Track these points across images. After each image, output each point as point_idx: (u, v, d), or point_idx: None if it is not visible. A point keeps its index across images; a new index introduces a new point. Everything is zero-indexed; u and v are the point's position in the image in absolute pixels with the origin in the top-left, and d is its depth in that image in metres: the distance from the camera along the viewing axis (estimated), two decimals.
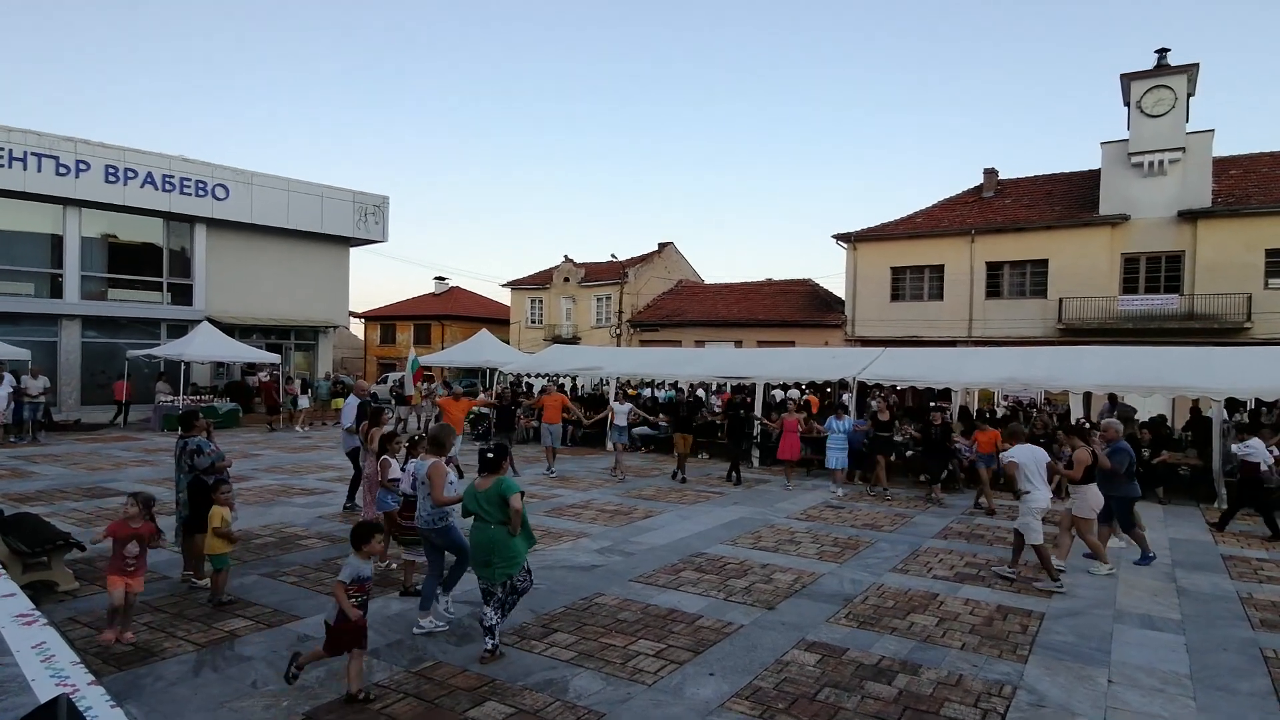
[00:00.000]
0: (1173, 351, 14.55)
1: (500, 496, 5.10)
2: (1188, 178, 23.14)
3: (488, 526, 5.11)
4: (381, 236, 28.02)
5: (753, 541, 8.87)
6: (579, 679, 4.91)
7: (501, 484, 5.16)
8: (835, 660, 5.31)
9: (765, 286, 35.52)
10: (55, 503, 10.12)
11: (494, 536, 5.08)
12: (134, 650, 5.23)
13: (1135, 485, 8.28)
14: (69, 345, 21.50)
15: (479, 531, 5.16)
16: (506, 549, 5.09)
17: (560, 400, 14.15)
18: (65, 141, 20.91)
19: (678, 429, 13.66)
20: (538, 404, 14.78)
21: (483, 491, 5.17)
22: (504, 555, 5.09)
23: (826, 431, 12.50)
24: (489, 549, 5.10)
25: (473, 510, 5.21)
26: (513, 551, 5.12)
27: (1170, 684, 5.03)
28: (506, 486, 5.14)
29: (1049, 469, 7.54)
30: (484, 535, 5.13)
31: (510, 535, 5.09)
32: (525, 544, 5.28)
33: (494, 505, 5.11)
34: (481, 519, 5.15)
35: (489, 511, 5.12)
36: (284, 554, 7.86)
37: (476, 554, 5.20)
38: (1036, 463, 7.42)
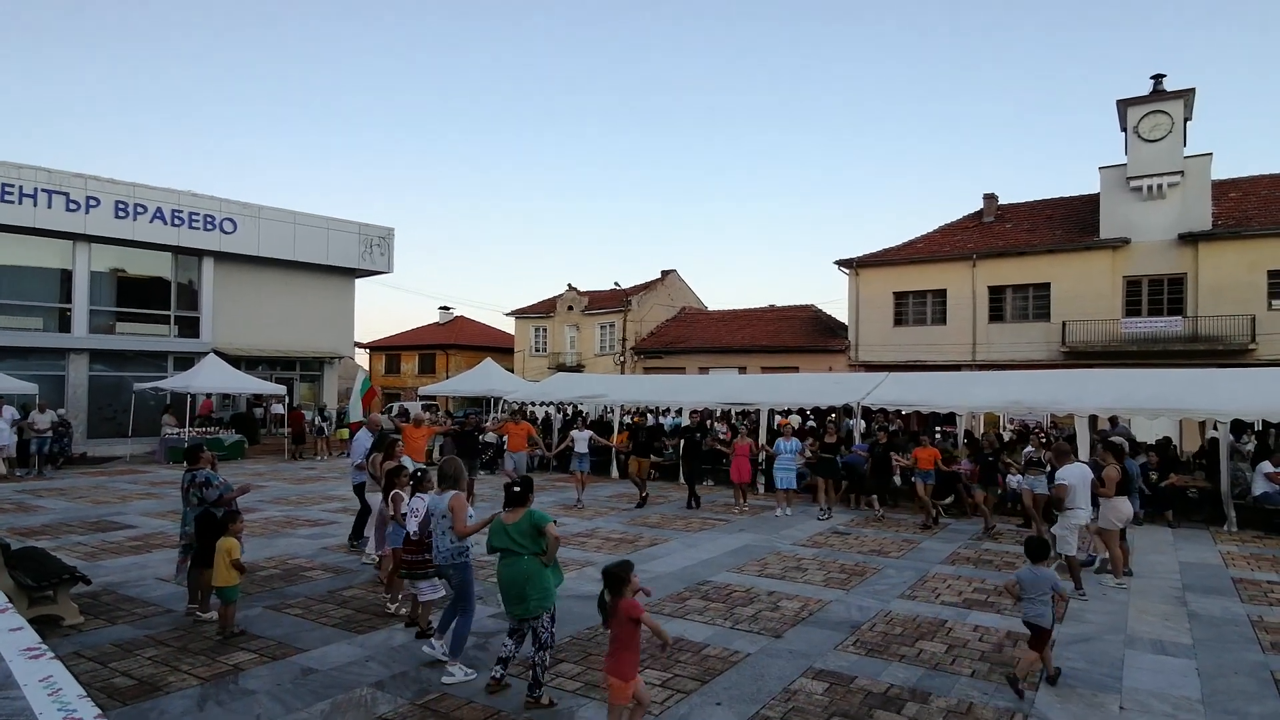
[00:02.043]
0: (1177, 373, 14.54)
1: (534, 527, 4.97)
2: (1187, 201, 23.28)
3: (520, 559, 4.97)
4: (387, 268, 28.25)
5: (759, 569, 8.82)
6: (585, 710, 4.87)
7: (533, 515, 5.03)
8: (843, 689, 5.26)
9: (768, 313, 35.63)
10: (60, 536, 10.13)
11: (528, 569, 4.95)
12: (139, 684, 5.21)
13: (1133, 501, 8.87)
14: (76, 379, 21.62)
15: (510, 567, 5.01)
16: (541, 581, 4.97)
17: (525, 429, 13.76)
18: (75, 178, 21.22)
19: (635, 453, 13.81)
20: (501, 431, 14.50)
21: (513, 525, 5.03)
22: (539, 587, 4.96)
23: (775, 453, 12.82)
24: (523, 583, 4.95)
25: (500, 546, 5.05)
26: (546, 583, 5.00)
27: (1182, 709, 4.97)
28: (539, 517, 5.01)
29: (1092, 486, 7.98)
30: (516, 570, 4.97)
31: (544, 566, 4.98)
32: (556, 577, 5.16)
33: (527, 537, 4.98)
34: (512, 552, 5.01)
35: (521, 544, 4.97)
36: (289, 585, 7.84)
37: (510, 590, 5.02)
38: (1084, 481, 7.86)
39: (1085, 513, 7.83)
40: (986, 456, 11.63)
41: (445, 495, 5.70)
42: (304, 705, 4.91)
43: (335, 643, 6.09)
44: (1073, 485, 7.81)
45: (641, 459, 13.76)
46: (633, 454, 13.90)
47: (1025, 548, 5.77)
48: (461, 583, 5.68)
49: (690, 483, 13.60)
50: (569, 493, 14.15)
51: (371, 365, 47.69)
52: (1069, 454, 8.44)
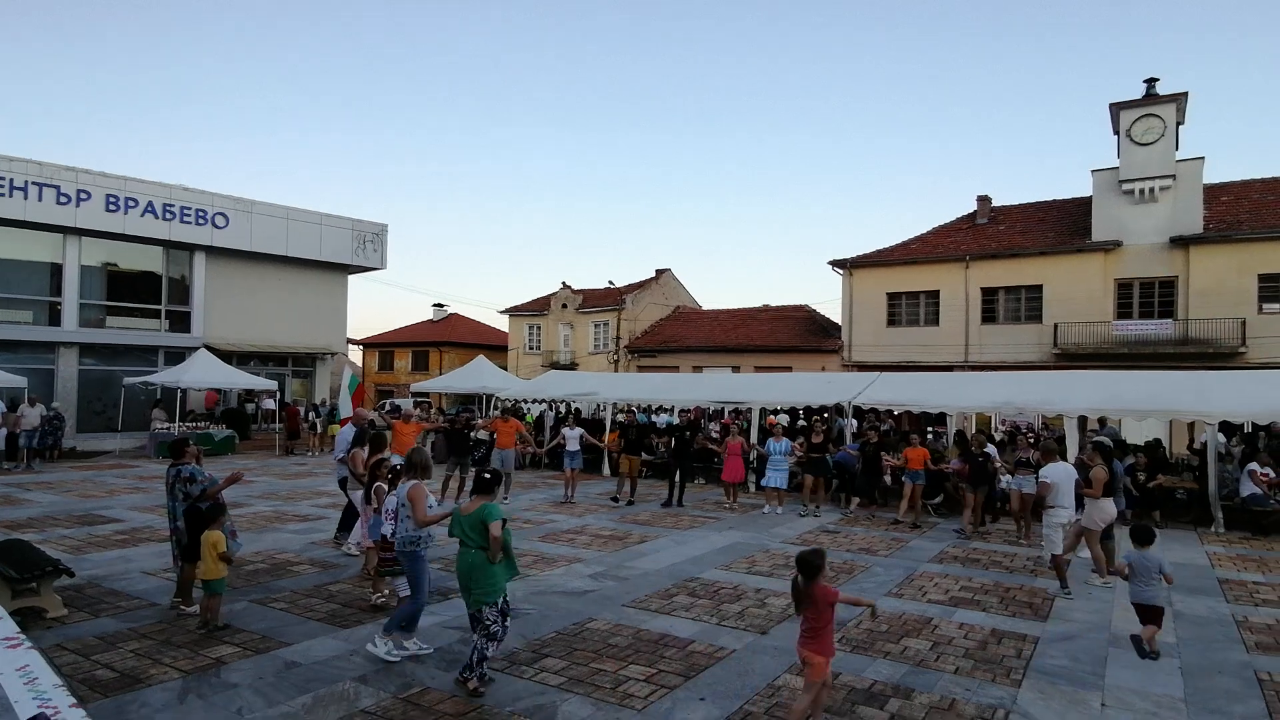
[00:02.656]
0: (1167, 375, 14.60)
1: (482, 522, 5.02)
2: (1179, 204, 23.38)
3: (469, 551, 5.06)
4: (380, 264, 28.19)
5: (747, 566, 8.83)
6: (568, 704, 4.87)
7: (484, 509, 5.08)
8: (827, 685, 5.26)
9: (762, 312, 35.67)
10: (46, 530, 10.07)
11: (474, 561, 5.03)
12: (120, 677, 5.18)
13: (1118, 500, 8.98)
14: (65, 373, 21.49)
15: (461, 558, 5.13)
16: (485, 576, 5.00)
17: (514, 427, 13.65)
18: (66, 171, 21.10)
19: (626, 451, 13.77)
20: (490, 428, 14.40)
21: (466, 516, 5.12)
22: (480, 582, 5.00)
23: (766, 453, 12.87)
24: (469, 574, 5.05)
25: (456, 535, 5.18)
26: (491, 578, 5.01)
27: (1164, 707, 4.99)
28: (489, 513, 5.04)
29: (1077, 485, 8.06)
30: (465, 560, 5.08)
31: (489, 562, 5.00)
32: (506, 573, 5.15)
33: (476, 531, 5.04)
34: (465, 544, 5.11)
35: (471, 536, 5.05)
36: (275, 580, 7.81)
37: (460, 579, 5.15)
38: (1068, 480, 7.97)
39: (1068, 511, 7.89)
40: (976, 456, 11.67)
41: (406, 485, 5.75)
42: (286, 699, 4.89)
43: (319, 637, 6.07)
44: (1056, 484, 7.89)
45: (632, 457, 13.75)
46: (623, 452, 13.88)
47: (1131, 534, 6.19)
48: (411, 571, 5.74)
49: (673, 481, 13.53)
50: (559, 490, 14.13)
51: (365, 362, 47.58)
52: (1054, 453, 8.52)
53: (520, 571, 5.59)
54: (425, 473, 5.88)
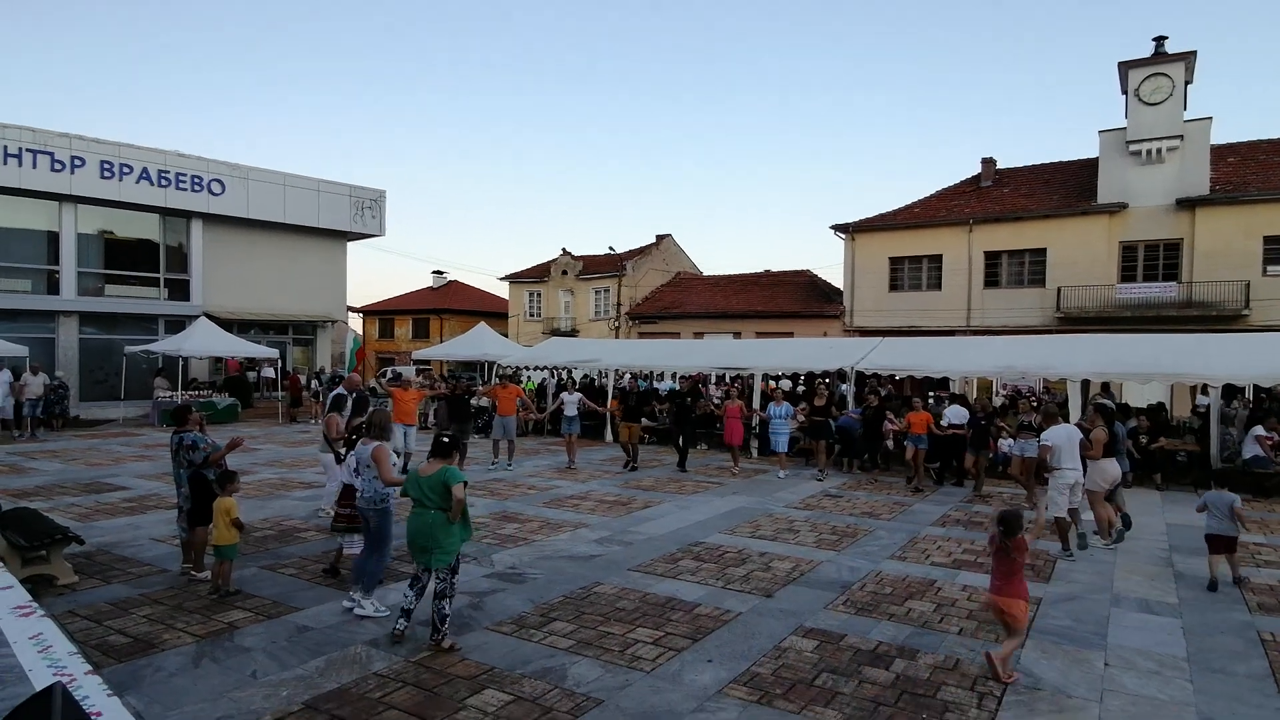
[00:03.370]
0: (1170, 339, 14.56)
1: (443, 484, 5.14)
2: (1186, 166, 23.11)
3: (427, 512, 5.16)
4: (379, 231, 27.95)
5: (751, 530, 8.89)
6: (577, 666, 4.92)
7: (445, 472, 5.20)
8: (833, 646, 5.32)
9: (763, 278, 35.49)
10: (54, 498, 10.13)
11: (433, 522, 5.14)
12: (134, 642, 5.24)
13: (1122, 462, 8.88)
14: (66, 342, 21.45)
15: (418, 517, 5.21)
16: (445, 536, 5.15)
17: (515, 392, 13.69)
18: (60, 137, 20.81)
19: (625, 419, 13.70)
20: (490, 394, 14.45)
21: (426, 477, 5.21)
22: (441, 542, 5.15)
23: (767, 417, 12.91)
24: (427, 534, 5.15)
25: (413, 495, 5.26)
26: (451, 539, 5.18)
27: (1167, 667, 5.05)
28: (450, 475, 5.18)
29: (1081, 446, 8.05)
30: (423, 520, 5.17)
31: (449, 522, 5.14)
32: (462, 536, 5.29)
33: (436, 492, 5.16)
34: (421, 504, 5.21)
35: (430, 498, 5.16)
36: (283, 546, 7.87)
37: (415, 539, 5.24)
38: (1070, 441, 7.95)
39: (1074, 473, 7.90)
40: (978, 420, 11.68)
41: (370, 445, 5.91)
42: (299, 662, 4.95)
43: (329, 602, 6.12)
44: (1058, 446, 7.89)
45: (632, 424, 13.66)
46: (623, 420, 13.83)
47: (1210, 476, 6.93)
48: (379, 527, 5.96)
49: (678, 446, 13.62)
50: (562, 456, 14.19)
51: (365, 329, 47.50)
52: (1056, 417, 8.52)
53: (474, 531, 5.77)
54: (385, 434, 6.09)
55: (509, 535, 8.46)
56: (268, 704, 4.36)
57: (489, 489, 11.35)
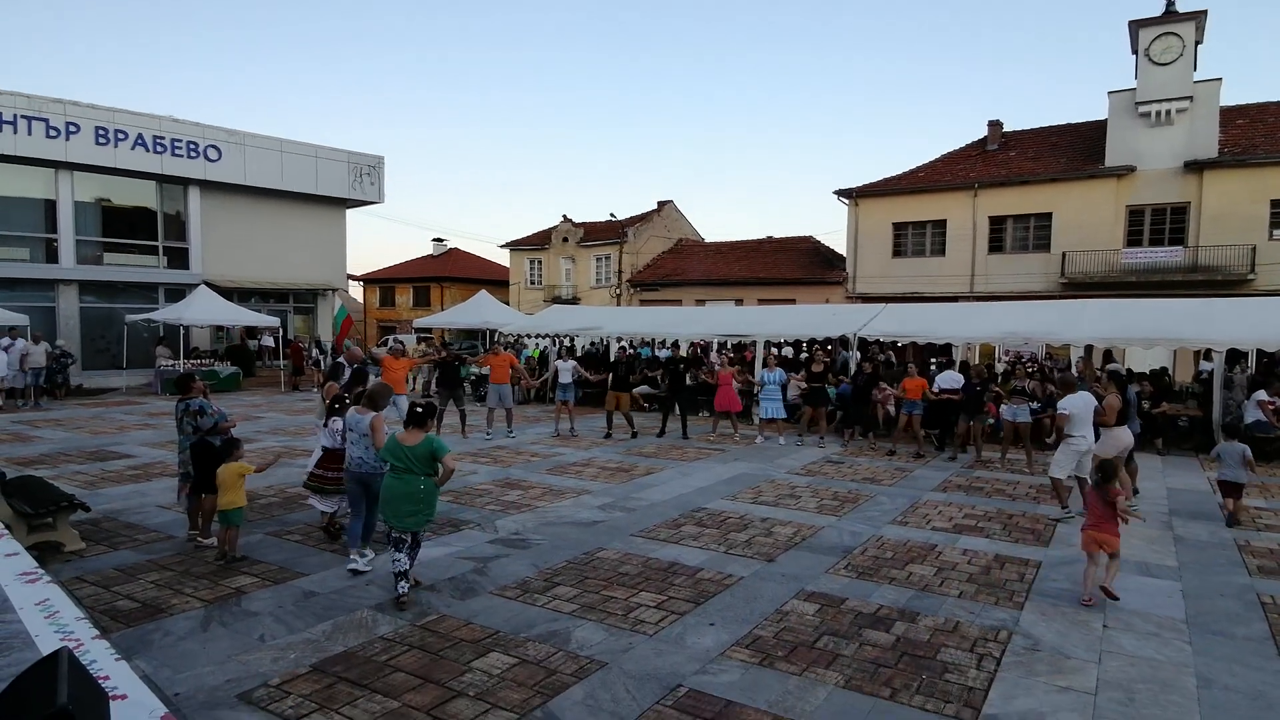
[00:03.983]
0: (1174, 303, 14.48)
1: (430, 454, 5.34)
2: (1195, 128, 22.77)
3: (415, 478, 5.34)
4: (377, 198, 27.73)
5: (753, 496, 8.93)
6: (581, 630, 4.97)
7: (432, 442, 5.38)
8: (834, 610, 5.37)
9: (766, 244, 35.24)
10: (59, 466, 10.18)
11: (422, 487, 5.35)
12: (142, 607, 5.29)
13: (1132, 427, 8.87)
14: (67, 311, 21.42)
15: (401, 483, 5.35)
16: (429, 501, 5.42)
17: (508, 360, 13.56)
18: (54, 103, 20.56)
19: (613, 387, 13.46)
20: (483, 363, 14.44)
21: (409, 446, 5.36)
22: (425, 508, 5.40)
23: (760, 383, 12.90)
24: (414, 500, 5.33)
25: (395, 462, 5.41)
26: (433, 505, 5.48)
27: (1166, 629, 5.09)
28: (438, 446, 5.37)
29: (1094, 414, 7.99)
30: (409, 486, 5.34)
31: (435, 488, 5.42)
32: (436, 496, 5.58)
33: (421, 461, 5.34)
34: (405, 470, 5.35)
35: (415, 465, 5.34)
36: (288, 513, 7.92)
37: (399, 504, 5.35)
38: (1086, 409, 7.85)
39: (1086, 440, 7.81)
40: (972, 385, 11.64)
41: (367, 415, 6.10)
42: (306, 626, 5.00)
43: (335, 567, 6.18)
44: (1075, 414, 7.78)
45: (620, 393, 13.37)
46: (611, 389, 13.49)
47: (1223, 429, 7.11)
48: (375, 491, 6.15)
49: (665, 415, 13.65)
50: (562, 423, 14.22)
51: (366, 298, 47.40)
52: (1074, 385, 8.33)
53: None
54: (377, 405, 6.24)
55: (512, 502, 8.51)
56: (276, 667, 4.42)
57: (492, 456, 11.40)
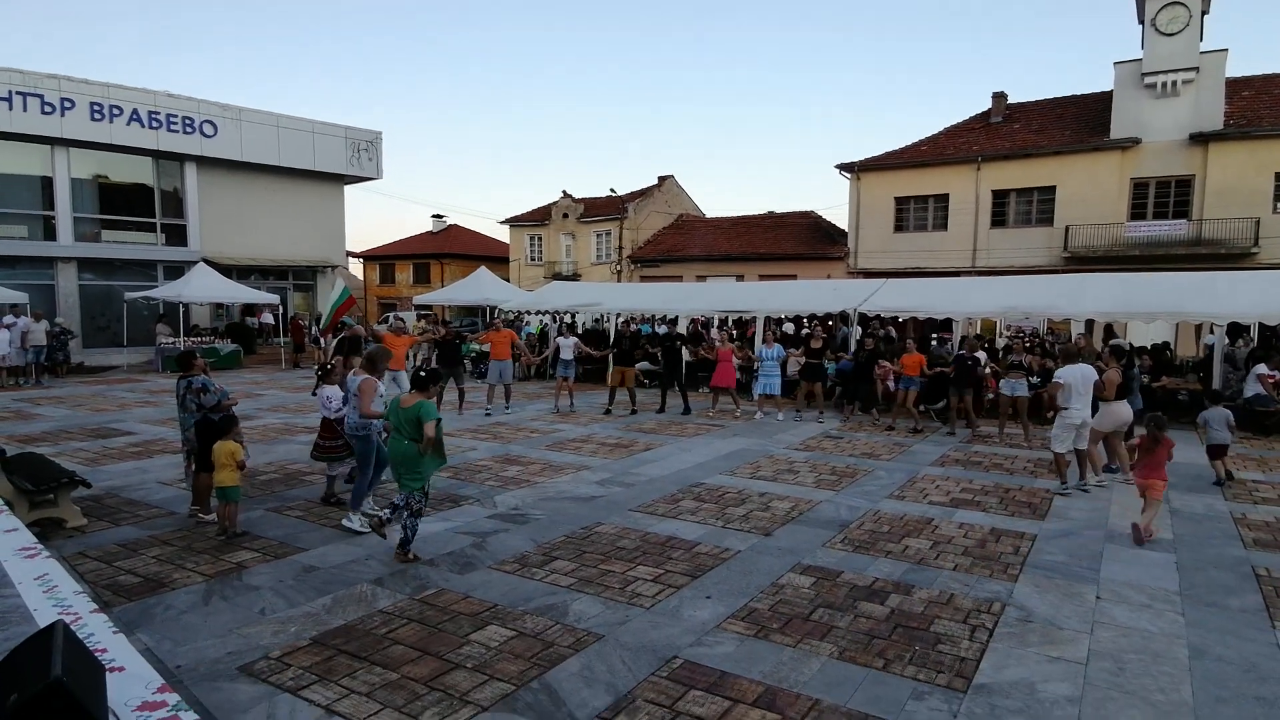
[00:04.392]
0: (1176, 277, 14.40)
1: (417, 419, 5.51)
2: (1200, 99, 22.52)
3: (402, 441, 5.61)
4: (376, 174, 27.56)
5: (751, 471, 8.96)
6: (578, 603, 5.02)
7: (420, 407, 5.55)
8: (830, 583, 5.41)
9: (767, 219, 35.04)
10: (60, 443, 10.23)
11: (406, 452, 5.60)
12: (144, 581, 5.34)
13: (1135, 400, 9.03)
14: (66, 288, 21.41)
15: (394, 444, 5.69)
16: (414, 465, 5.59)
17: (508, 336, 13.68)
18: (49, 79, 20.38)
19: (618, 363, 13.68)
20: (484, 340, 14.48)
21: (404, 409, 5.60)
22: (411, 470, 5.61)
23: (759, 359, 12.88)
24: (400, 462, 5.64)
25: (393, 423, 5.69)
26: (419, 468, 5.60)
27: (1159, 600, 5.13)
28: (425, 411, 5.53)
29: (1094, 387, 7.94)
30: (398, 448, 5.65)
31: (419, 454, 5.54)
32: (433, 465, 5.72)
33: (410, 424, 5.55)
34: (398, 433, 5.62)
35: (404, 428, 5.57)
36: (289, 489, 7.97)
37: (395, 465, 5.75)
38: (1084, 381, 7.79)
39: (1082, 413, 7.76)
40: (964, 359, 11.60)
41: (360, 376, 6.32)
42: (306, 600, 5.05)
43: (335, 543, 6.22)
44: (1070, 384, 7.74)
45: (625, 368, 13.50)
46: (615, 364, 13.69)
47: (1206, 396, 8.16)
48: (361, 453, 6.59)
49: (664, 390, 13.67)
50: (562, 401, 14.24)
51: (365, 275, 47.29)
52: (1075, 356, 8.27)
53: (448, 460, 6.20)
54: (375, 369, 6.44)
55: (511, 477, 8.55)
56: (276, 639, 4.47)
57: (491, 433, 11.44)
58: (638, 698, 3.82)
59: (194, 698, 3.76)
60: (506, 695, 3.83)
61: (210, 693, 3.84)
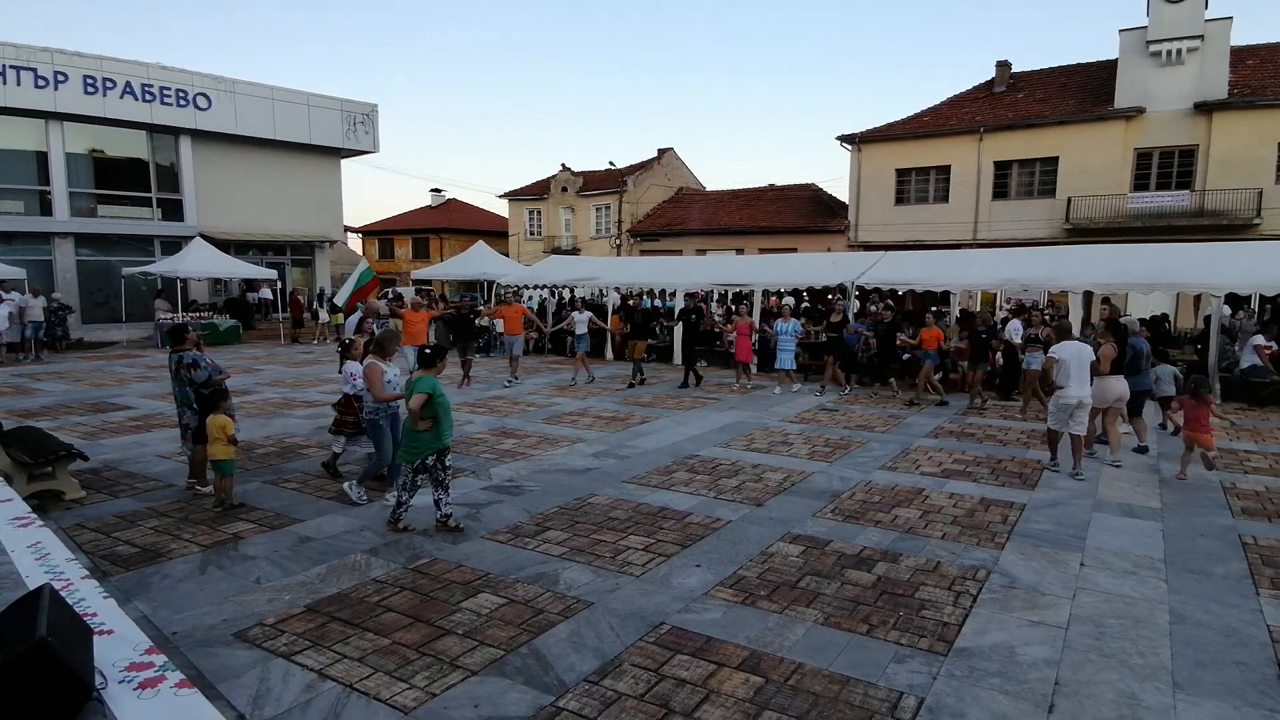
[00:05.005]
0: (1176, 248, 14.35)
1: (412, 391, 5.66)
2: (1205, 68, 22.24)
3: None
4: (372, 147, 27.35)
5: (746, 444, 9.01)
6: (569, 572, 5.09)
7: (417, 381, 5.70)
8: (818, 551, 5.47)
9: (767, 192, 34.79)
10: (60, 417, 10.30)
11: (406, 424, 5.84)
12: (142, 552, 5.42)
13: (1147, 378, 8.82)
14: (64, 264, 21.39)
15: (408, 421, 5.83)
16: (409, 438, 5.76)
17: (520, 310, 14.14)
18: (42, 52, 20.18)
19: (633, 336, 13.99)
20: (496, 314, 14.92)
21: (408, 385, 5.87)
22: (406, 443, 5.80)
23: (775, 333, 12.87)
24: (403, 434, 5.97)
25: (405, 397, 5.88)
26: (415, 442, 5.69)
27: (1143, 567, 5.18)
28: (418, 386, 5.65)
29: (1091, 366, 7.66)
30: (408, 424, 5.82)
31: (410, 430, 5.71)
32: (431, 440, 5.69)
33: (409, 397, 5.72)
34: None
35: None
36: (285, 462, 8.04)
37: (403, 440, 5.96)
38: (1079, 361, 7.50)
39: (1075, 393, 7.46)
40: (980, 334, 11.62)
41: (366, 363, 6.39)
42: (301, 569, 5.12)
43: (330, 514, 6.29)
44: (1065, 361, 7.46)
45: (640, 341, 13.90)
46: (632, 337, 14.02)
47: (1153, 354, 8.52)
48: (373, 437, 6.64)
49: (688, 364, 13.74)
50: (564, 374, 14.30)
51: (365, 250, 47.12)
52: (1068, 332, 8.19)
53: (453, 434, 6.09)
54: (383, 351, 6.45)
55: (507, 450, 8.61)
56: (271, 607, 4.54)
57: (489, 406, 11.49)
58: (624, 662, 3.90)
59: (189, 662, 3.83)
60: (496, 660, 3.91)
61: (205, 658, 3.91)
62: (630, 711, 3.45)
